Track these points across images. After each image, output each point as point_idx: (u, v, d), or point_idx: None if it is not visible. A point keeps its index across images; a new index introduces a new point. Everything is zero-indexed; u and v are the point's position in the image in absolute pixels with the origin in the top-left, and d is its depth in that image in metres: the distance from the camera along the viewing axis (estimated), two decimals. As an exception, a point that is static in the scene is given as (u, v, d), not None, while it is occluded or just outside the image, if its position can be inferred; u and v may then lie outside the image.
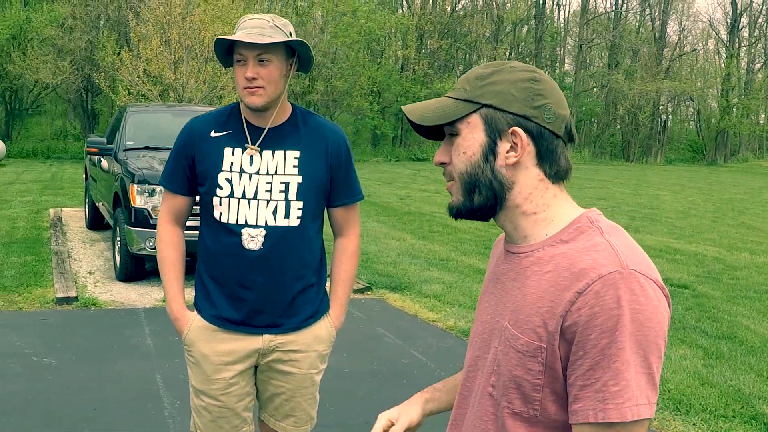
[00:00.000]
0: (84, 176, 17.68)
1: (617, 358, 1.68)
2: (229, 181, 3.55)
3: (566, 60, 72.16)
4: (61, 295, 10.09)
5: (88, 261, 12.83)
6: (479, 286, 11.40)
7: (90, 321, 9.17)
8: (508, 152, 1.89)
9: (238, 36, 3.38)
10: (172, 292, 3.73)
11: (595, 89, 65.99)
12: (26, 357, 7.73)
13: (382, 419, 2.29)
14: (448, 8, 56.45)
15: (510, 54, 55.58)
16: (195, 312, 3.74)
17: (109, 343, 8.26)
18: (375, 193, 25.37)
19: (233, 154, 3.57)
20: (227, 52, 3.55)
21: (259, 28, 3.42)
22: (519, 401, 1.84)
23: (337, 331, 3.87)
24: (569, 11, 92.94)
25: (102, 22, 45.95)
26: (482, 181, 1.92)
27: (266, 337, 3.65)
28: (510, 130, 1.87)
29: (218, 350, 3.66)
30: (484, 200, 1.93)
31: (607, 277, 1.71)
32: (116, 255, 11.63)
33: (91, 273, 11.92)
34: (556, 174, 1.92)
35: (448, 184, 2.00)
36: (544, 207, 1.91)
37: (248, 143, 3.57)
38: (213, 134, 3.62)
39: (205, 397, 3.72)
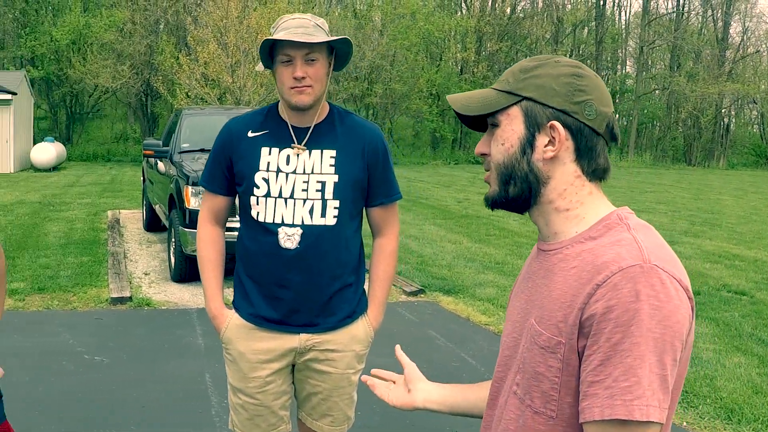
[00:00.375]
0: (141, 179, 17.87)
1: (630, 353, 1.61)
2: (266, 181, 3.54)
3: (627, 62, 71.63)
4: (115, 295, 10.19)
5: (144, 262, 12.94)
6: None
7: (143, 321, 9.23)
8: (545, 146, 1.86)
9: (285, 35, 3.36)
10: (211, 290, 3.74)
11: (656, 91, 65.36)
12: (78, 355, 7.81)
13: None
14: (508, 10, 56.24)
15: (570, 56, 55.21)
16: (233, 310, 3.74)
17: (160, 342, 8.31)
18: (433, 196, 25.35)
19: (270, 153, 3.56)
20: (268, 53, 3.54)
21: (303, 27, 3.42)
22: (539, 400, 1.80)
23: (376, 332, 3.83)
24: (630, 12, 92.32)
25: (161, 27, 46.47)
26: (518, 174, 1.89)
27: (303, 336, 3.63)
28: (549, 124, 1.84)
29: (255, 348, 3.65)
30: (518, 192, 1.91)
31: (627, 270, 1.65)
32: (171, 256, 11.73)
33: (146, 274, 12.02)
34: (594, 172, 1.88)
35: (486, 174, 1.99)
36: (578, 204, 1.87)
37: (294, 143, 3.56)
38: (250, 134, 3.62)
39: (242, 394, 3.72)
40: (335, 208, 3.54)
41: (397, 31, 46.75)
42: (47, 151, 34.69)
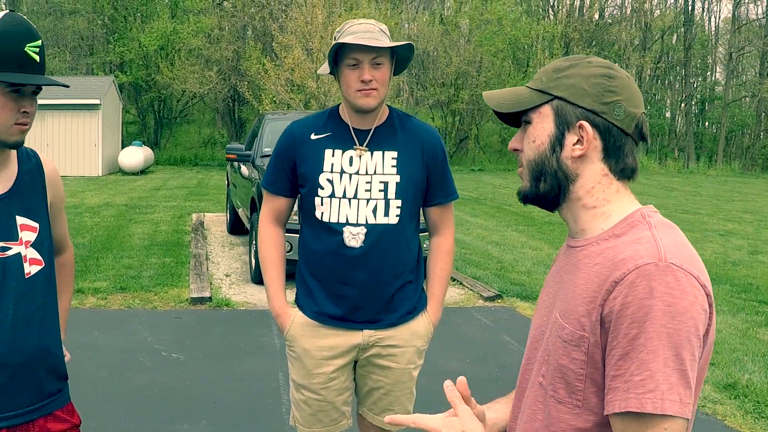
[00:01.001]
0: (226, 182, 18.12)
1: (644, 348, 1.65)
2: (330, 182, 3.63)
3: (717, 68, 70.45)
4: (195, 295, 10.37)
5: (226, 264, 13.12)
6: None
7: (221, 320, 9.38)
8: (574, 145, 1.91)
9: (353, 39, 3.45)
10: (274, 289, 3.84)
11: (746, 99, 64.19)
12: (156, 352, 7.98)
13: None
14: (596, 15, 55.69)
15: (658, 62, 54.47)
16: (296, 309, 3.82)
17: (236, 341, 8.44)
18: (517, 203, 25.21)
19: (333, 155, 3.65)
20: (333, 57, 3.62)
21: (369, 32, 3.51)
22: (564, 391, 1.84)
23: (435, 327, 3.90)
24: (720, 18, 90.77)
25: (249, 32, 46.96)
26: (548, 170, 1.95)
27: (366, 332, 3.71)
28: (578, 124, 1.89)
29: (319, 345, 3.73)
30: (548, 188, 1.96)
31: (643, 268, 1.70)
32: (252, 258, 11.88)
33: (227, 275, 12.19)
34: (622, 171, 1.92)
35: (519, 169, 2.04)
36: (605, 202, 1.92)
37: (356, 144, 3.64)
38: (313, 137, 3.71)
39: (305, 391, 3.80)
40: (398, 207, 3.63)
41: (484, 37, 46.61)
42: (135, 155, 35.31)
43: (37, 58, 2.58)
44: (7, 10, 2.61)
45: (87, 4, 48.48)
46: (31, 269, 2.72)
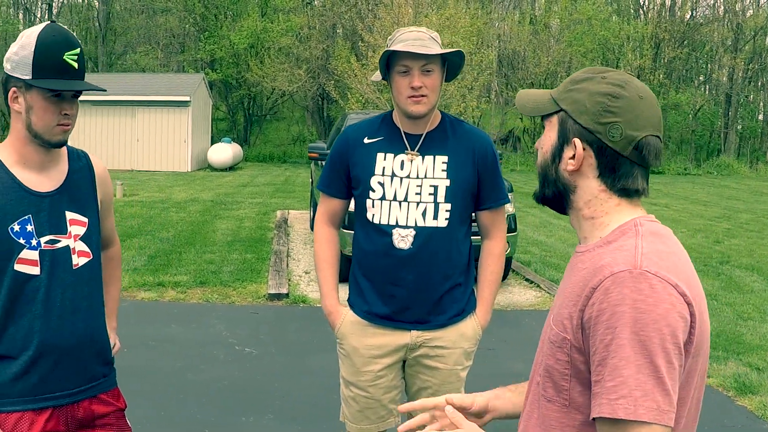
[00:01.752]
0: (310, 180, 18.29)
1: (615, 354, 1.69)
2: (381, 185, 3.73)
3: (814, 70, 68.74)
4: (272, 291, 10.55)
5: (306, 261, 13.27)
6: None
7: (296, 316, 9.52)
8: (570, 159, 1.95)
9: (403, 47, 3.55)
10: (327, 287, 3.96)
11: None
12: (230, 346, 8.16)
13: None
14: (687, 15, 54.77)
15: (749, 64, 53.36)
16: (347, 307, 3.93)
17: (310, 337, 8.57)
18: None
19: (385, 159, 3.75)
20: (385, 63, 3.71)
21: (420, 40, 3.60)
22: (552, 389, 1.90)
23: (483, 330, 3.95)
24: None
25: (339, 31, 47.24)
26: (549, 178, 2.02)
27: (414, 332, 3.79)
28: (573, 139, 1.93)
29: (368, 344, 3.82)
30: (551, 195, 2.03)
31: (617, 275, 1.74)
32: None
33: (306, 272, 12.34)
34: (622, 191, 1.94)
35: None
36: (603, 213, 1.95)
37: (408, 149, 3.72)
38: (366, 140, 3.82)
39: (354, 388, 3.90)
40: (447, 210, 3.70)
41: (573, 37, 46.20)
42: (224, 152, 35.78)
43: (75, 65, 2.81)
44: (49, 21, 2.86)
45: (178, 2, 49.22)
46: (78, 261, 2.93)
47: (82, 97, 2.91)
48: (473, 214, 3.91)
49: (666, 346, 1.68)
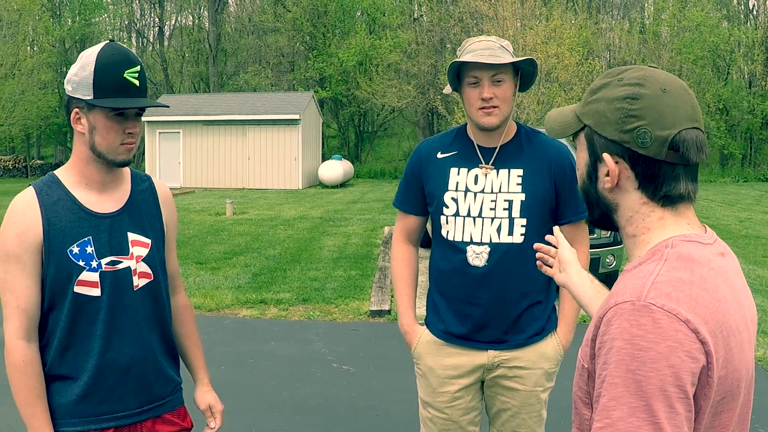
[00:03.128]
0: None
1: (606, 393, 1.55)
2: (455, 200, 3.63)
3: None
4: (374, 308, 10.54)
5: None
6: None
7: (396, 333, 9.43)
8: (605, 176, 1.80)
9: (472, 57, 3.46)
10: (403, 306, 3.89)
11: None
12: (327, 364, 8.16)
13: None
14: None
15: None
16: (424, 327, 3.85)
17: (408, 354, 8.49)
18: (714, 215, 24.49)
19: (458, 173, 3.65)
20: (454, 75, 3.63)
21: (489, 49, 3.49)
22: (578, 418, 1.79)
23: (565, 350, 3.80)
24: None
25: (448, 46, 47.32)
26: (592, 200, 1.88)
27: (491, 352, 3.67)
28: (603, 155, 1.79)
29: (444, 364, 3.73)
30: (598, 216, 1.89)
31: (619, 306, 1.60)
32: (434, 271, 11.91)
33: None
34: (666, 198, 1.77)
35: None
36: (645, 230, 1.79)
37: (481, 163, 3.63)
38: (439, 155, 3.73)
39: (431, 409, 3.80)
40: (522, 226, 3.57)
41: (682, 44, 45.45)
42: (334, 169, 36.10)
43: (136, 82, 2.79)
44: (107, 41, 2.84)
45: (287, 22, 50.01)
46: (139, 282, 2.93)
47: (193, 117, 2.93)
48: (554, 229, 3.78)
49: (667, 389, 1.51)
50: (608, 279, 10.89)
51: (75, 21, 59.09)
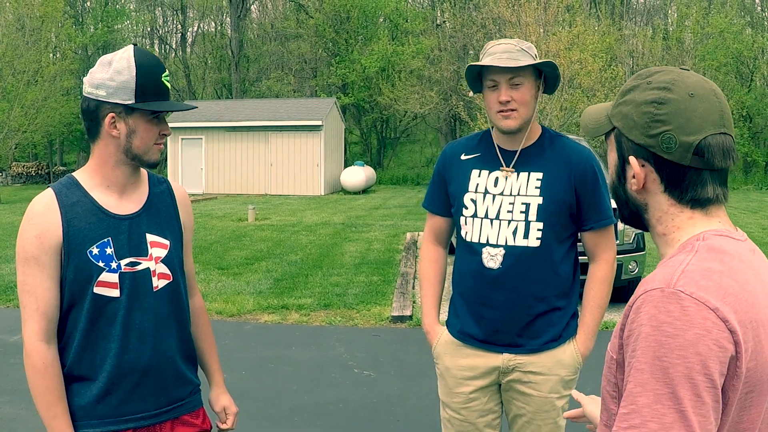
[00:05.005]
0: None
1: (633, 379, 1.54)
2: (474, 202, 3.62)
3: None
4: (396, 313, 10.52)
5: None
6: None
7: (418, 339, 9.45)
8: (632, 178, 1.80)
9: (490, 61, 3.45)
10: (427, 306, 3.91)
11: None
12: (348, 369, 8.16)
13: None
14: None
15: None
16: (444, 327, 3.84)
17: (430, 360, 8.47)
18: (736, 222, 24.37)
19: (479, 175, 3.65)
20: (476, 78, 3.62)
21: (508, 52, 3.47)
22: (606, 414, 1.76)
23: (584, 359, 3.74)
24: None
25: (471, 53, 47.33)
26: (621, 200, 1.87)
27: (506, 355, 3.65)
28: (629, 158, 1.79)
29: (460, 365, 3.72)
30: (628, 215, 1.89)
31: (649, 293, 1.59)
32: (455, 277, 11.90)
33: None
34: (694, 201, 1.76)
35: None
36: (675, 229, 1.79)
37: (502, 165, 3.62)
38: (463, 157, 3.73)
39: (448, 409, 3.79)
40: (539, 230, 3.54)
41: (706, 51, 45.27)
42: (356, 175, 36.18)
43: (168, 86, 2.87)
44: (132, 45, 2.88)
45: (309, 28, 50.15)
46: (158, 283, 2.93)
47: (215, 123, 2.98)
48: (579, 235, 3.73)
49: (693, 377, 1.49)
50: (631, 285, 10.84)
51: (97, 28, 59.36)
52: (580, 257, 3.78)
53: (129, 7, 64.86)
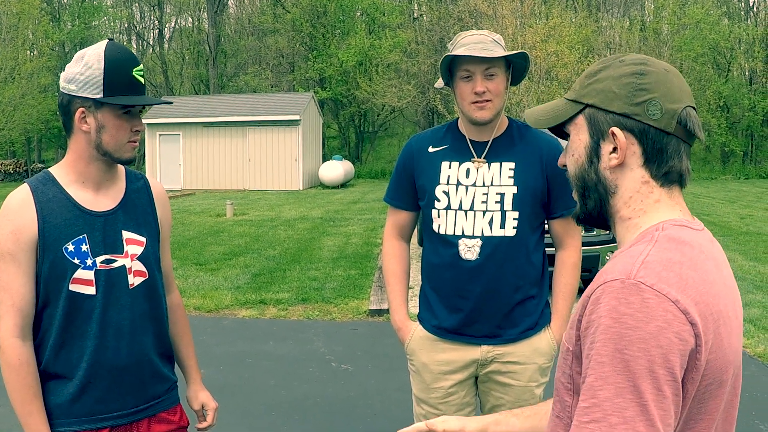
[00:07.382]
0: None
1: (593, 372, 1.51)
2: (446, 194, 3.61)
3: None
4: (374, 307, 10.54)
5: (412, 276, 13.17)
6: (803, 308, 10.74)
7: (395, 332, 9.42)
8: (611, 154, 1.77)
9: (465, 51, 3.44)
10: (396, 303, 3.87)
11: None
12: (326, 363, 8.16)
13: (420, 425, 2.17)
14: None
15: None
16: (417, 322, 3.83)
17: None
18: (715, 212, 24.49)
19: (450, 167, 3.63)
20: (447, 69, 3.61)
21: (482, 43, 3.48)
22: (559, 405, 1.74)
23: (559, 345, 3.76)
24: None
25: (448, 46, 47.36)
26: (589, 185, 1.83)
27: (484, 347, 3.65)
28: (610, 131, 1.76)
29: (437, 360, 3.71)
30: (593, 205, 1.84)
31: (609, 284, 1.56)
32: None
33: (410, 288, 12.26)
34: (666, 175, 1.75)
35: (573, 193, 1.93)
36: (640, 213, 1.76)
37: (473, 157, 3.62)
38: (430, 150, 3.71)
39: (425, 405, 3.78)
40: (514, 219, 3.55)
41: (682, 42, 45.44)
42: (335, 169, 36.15)
43: (142, 80, 2.82)
44: (108, 39, 2.84)
45: (287, 23, 50.05)
46: (134, 281, 2.91)
47: (193, 119, 2.93)
48: (546, 224, 3.76)
49: (655, 370, 1.47)
50: (608, 276, 10.85)
51: (74, 24, 59.10)
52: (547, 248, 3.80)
53: (106, 3, 64.56)
